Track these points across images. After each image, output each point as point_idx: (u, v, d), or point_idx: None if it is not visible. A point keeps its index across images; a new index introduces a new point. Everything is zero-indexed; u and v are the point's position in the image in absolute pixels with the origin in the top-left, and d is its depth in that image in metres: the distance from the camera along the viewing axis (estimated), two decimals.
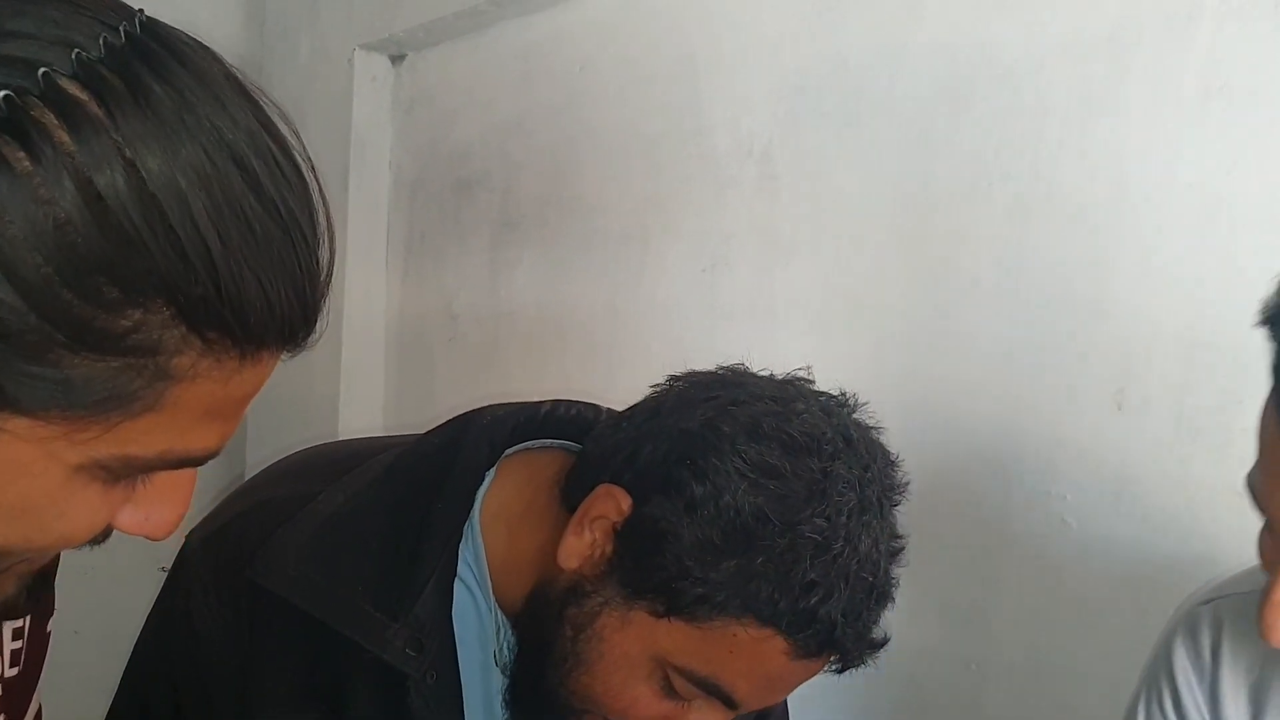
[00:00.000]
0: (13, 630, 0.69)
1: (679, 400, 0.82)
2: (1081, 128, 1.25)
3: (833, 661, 0.80)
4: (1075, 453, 1.24)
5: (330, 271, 0.49)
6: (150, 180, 0.41)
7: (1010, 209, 1.30)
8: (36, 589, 0.74)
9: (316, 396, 2.24)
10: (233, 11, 2.49)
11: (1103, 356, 1.22)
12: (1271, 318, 0.67)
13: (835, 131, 1.48)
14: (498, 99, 2.00)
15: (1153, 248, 1.19)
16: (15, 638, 0.70)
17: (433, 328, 2.13)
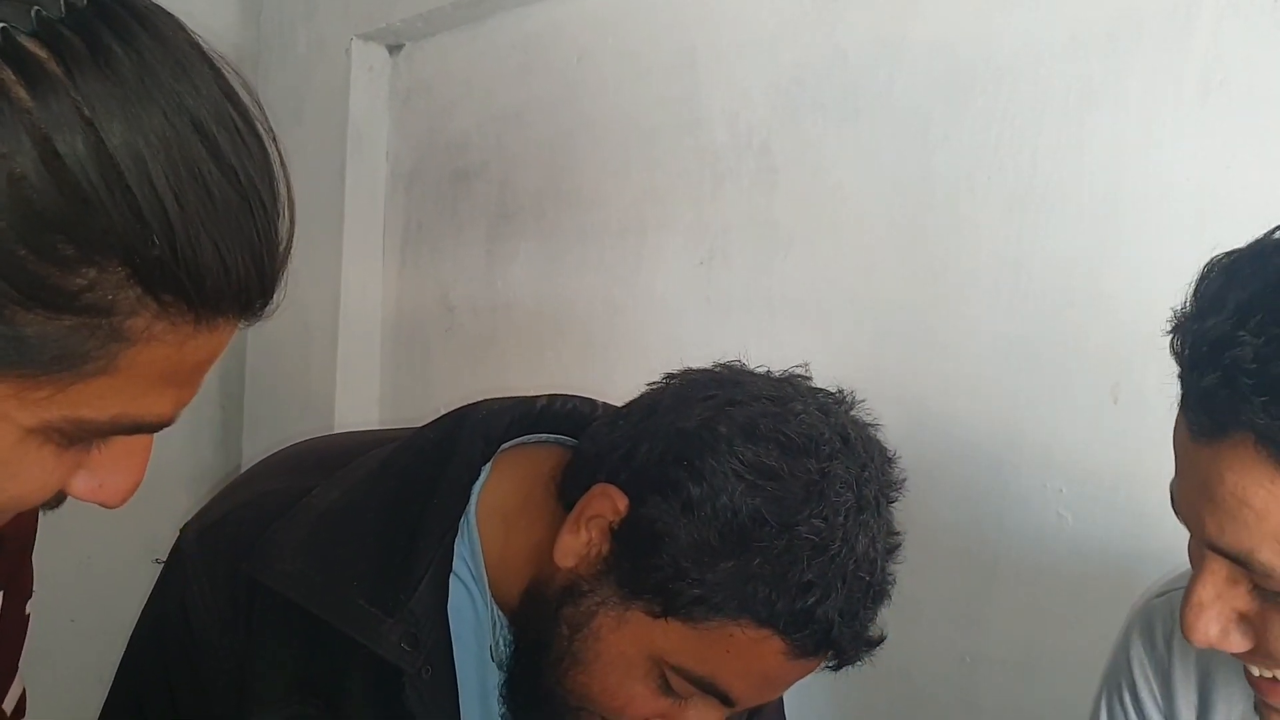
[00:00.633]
0: None
1: (676, 399, 0.82)
2: (1080, 123, 1.25)
3: (829, 660, 0.81)
4: (1071, 447, 1.25)
5: (290, 243, 0.49)
6: (108, 140, 0.41)
7: (1008, 204, 1.30)
8: (11, 568, 0.73)
9: (313, 387, 2.24)
10: (229, 0, 2.48)
11: (1099, 351, 1.22)
12: (1177, 326, 0.67)
13: (834, 125, 1.48)
14: (495, 90, 2.00)
15: (1150, 243, 1.19)
16: None
17: (429, 319, 2.13)
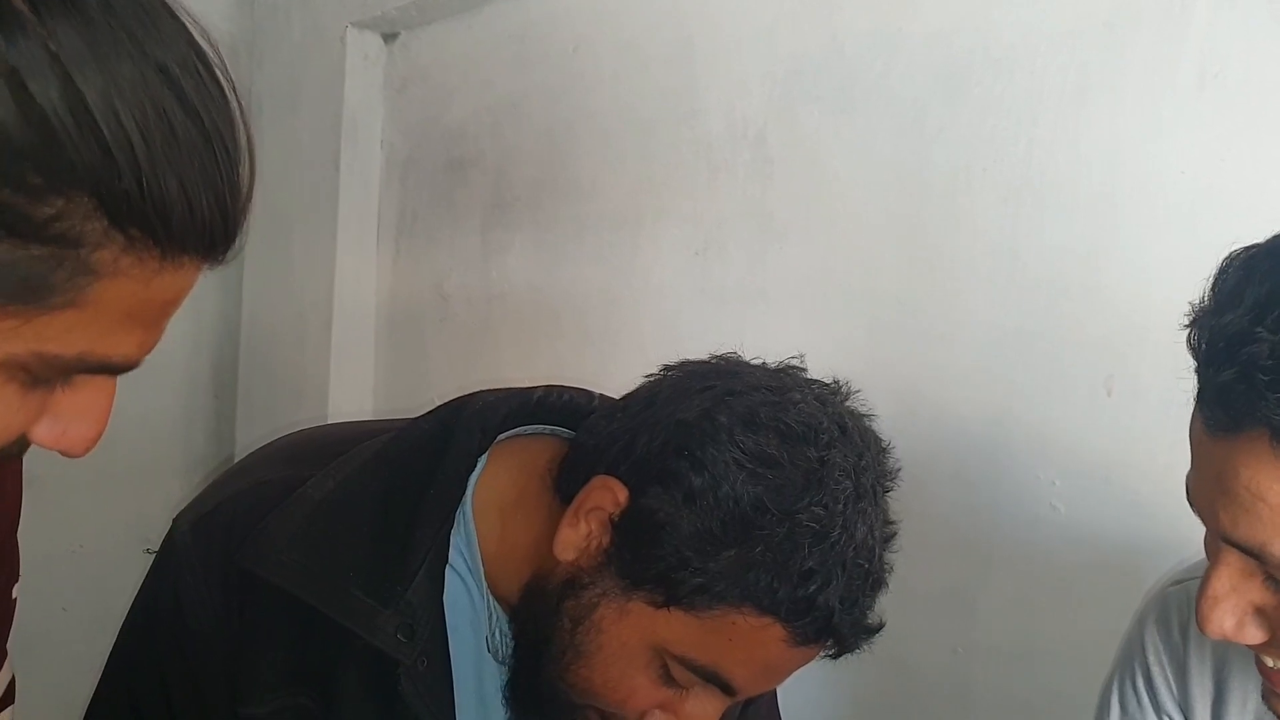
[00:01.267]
0: None
1: (674, 390, 0.82)
2: (1076, 114, 1.25)
3: (828, 647, 0.81)
4: (1065, 438, 1.25)
5: (250, 192, 0.50)
6: (75, 76, 0.42)
7: (1004, 195, 1.30)
8: None
9: (307, 376, 2.23)
10: None
11: (1094, 342, 1.23)
12: (1194, 320, 0.68)
13: (830, 116, 1.47)
14: (491, 79, 1.99)
15: (1146, 234, 1.19)
16: None
17: (424, 308, 2.12)
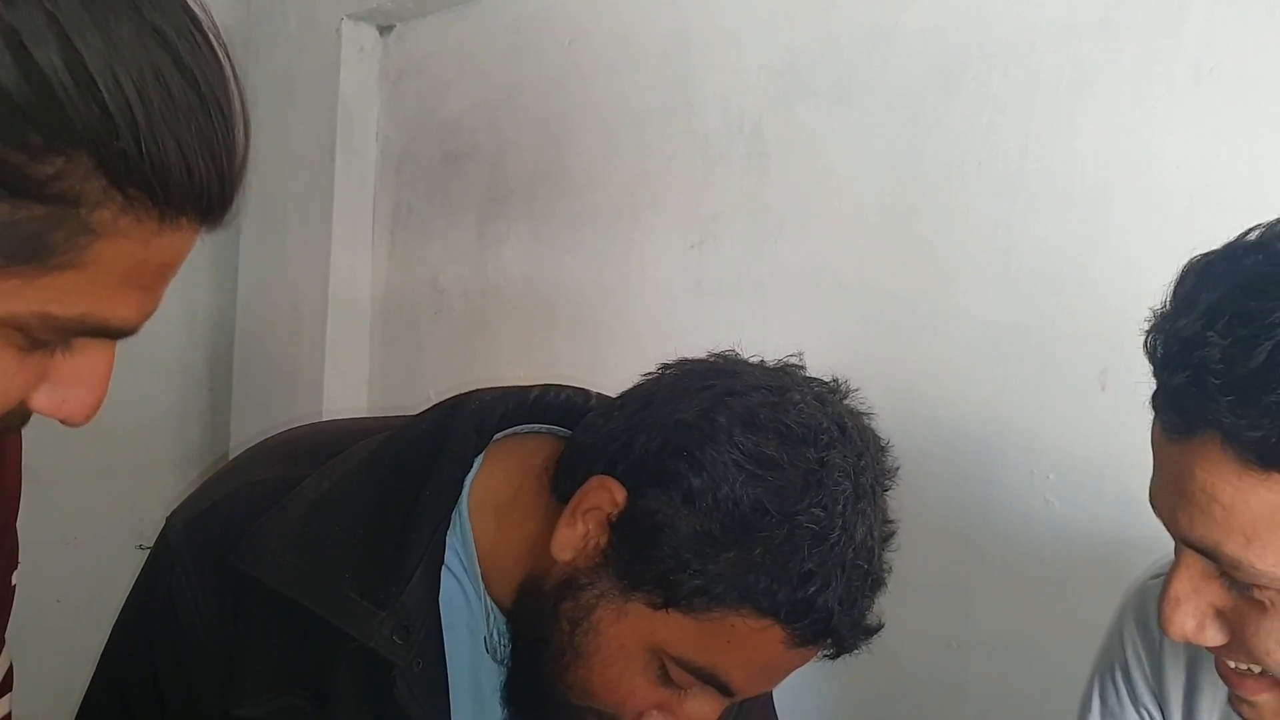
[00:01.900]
0: None
1: (672, 389, 0.82)
2: (1071, 109, 1.25)
3: (827, 648, 0.81)
4: (1059, 433, 1.25)
5: (246, 155, 0.50)
6: (73, 37, 0.42)
7: (999, 189, 1.30)
8: None
9: (301, 369, 2.23)
10: None
11: (1088, 337, 1.23)
12: (1153, 326, 0.66)
13: (825, 110, 1.47)
14: (487, 71, 1.98)
15: (1140, 230, 1.19)
16: None
17: (419, 302, 2.12)
